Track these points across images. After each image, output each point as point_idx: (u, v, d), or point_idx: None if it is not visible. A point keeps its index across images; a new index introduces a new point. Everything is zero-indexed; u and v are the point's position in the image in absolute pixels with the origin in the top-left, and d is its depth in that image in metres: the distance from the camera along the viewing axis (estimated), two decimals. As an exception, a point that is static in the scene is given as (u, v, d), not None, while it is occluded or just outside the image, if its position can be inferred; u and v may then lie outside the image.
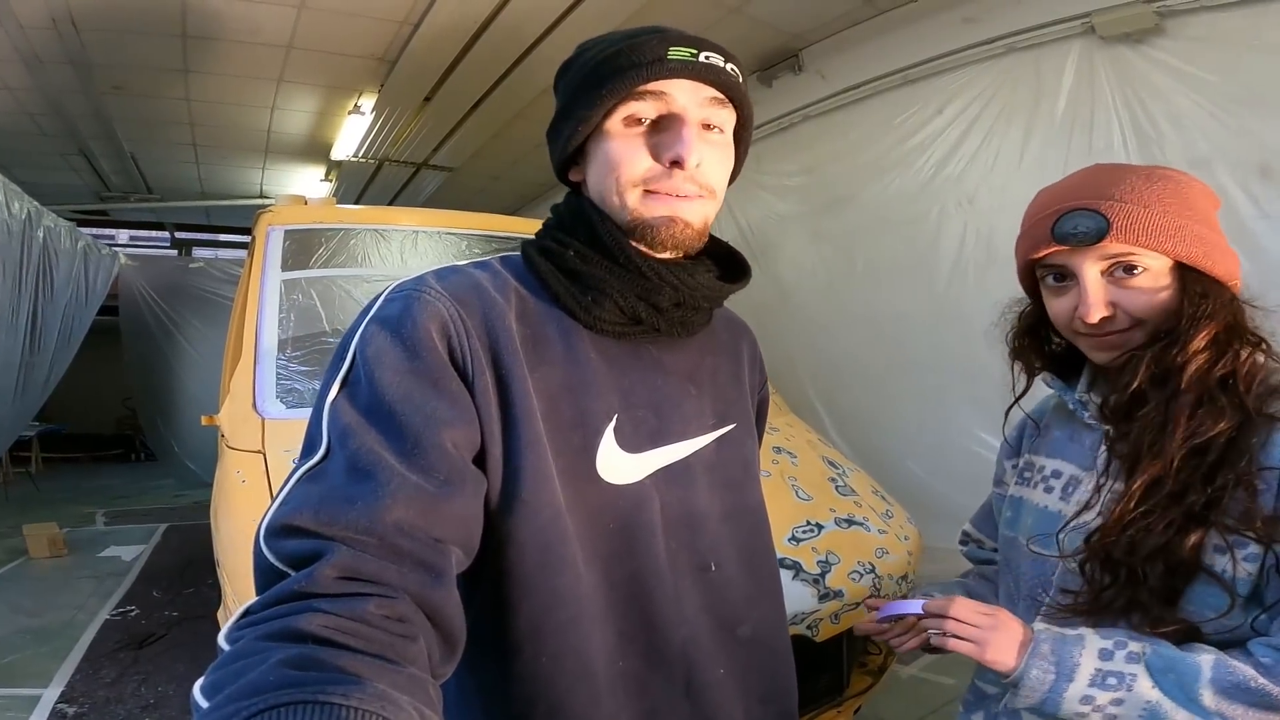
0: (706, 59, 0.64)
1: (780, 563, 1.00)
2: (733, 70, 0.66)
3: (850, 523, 2.11)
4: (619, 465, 0.66)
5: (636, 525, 0.66)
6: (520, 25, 4.11)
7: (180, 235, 9.50)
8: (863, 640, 2.06)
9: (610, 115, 0.65)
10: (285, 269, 2.48)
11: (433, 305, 0.61)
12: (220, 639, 0.45)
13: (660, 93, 0.64)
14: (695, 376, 0.74)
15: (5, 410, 4.71)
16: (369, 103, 5.26)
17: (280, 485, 0.55)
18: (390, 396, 0.56)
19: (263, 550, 0.51)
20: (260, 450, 1.92)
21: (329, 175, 6.91)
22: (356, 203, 7.36)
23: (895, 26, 4.10)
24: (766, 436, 1.01)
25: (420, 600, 0.50)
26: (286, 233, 2.57)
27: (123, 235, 9.96)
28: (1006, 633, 0.72)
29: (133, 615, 3.66)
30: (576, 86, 0.66)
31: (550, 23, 4.09)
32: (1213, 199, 0.78)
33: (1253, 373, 0.72)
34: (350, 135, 5.80)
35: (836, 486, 2.30)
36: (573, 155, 0.69)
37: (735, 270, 0.75)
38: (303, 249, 2.56)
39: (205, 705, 0.39)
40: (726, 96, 0.66)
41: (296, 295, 2.43)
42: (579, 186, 0.71)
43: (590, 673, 0.62)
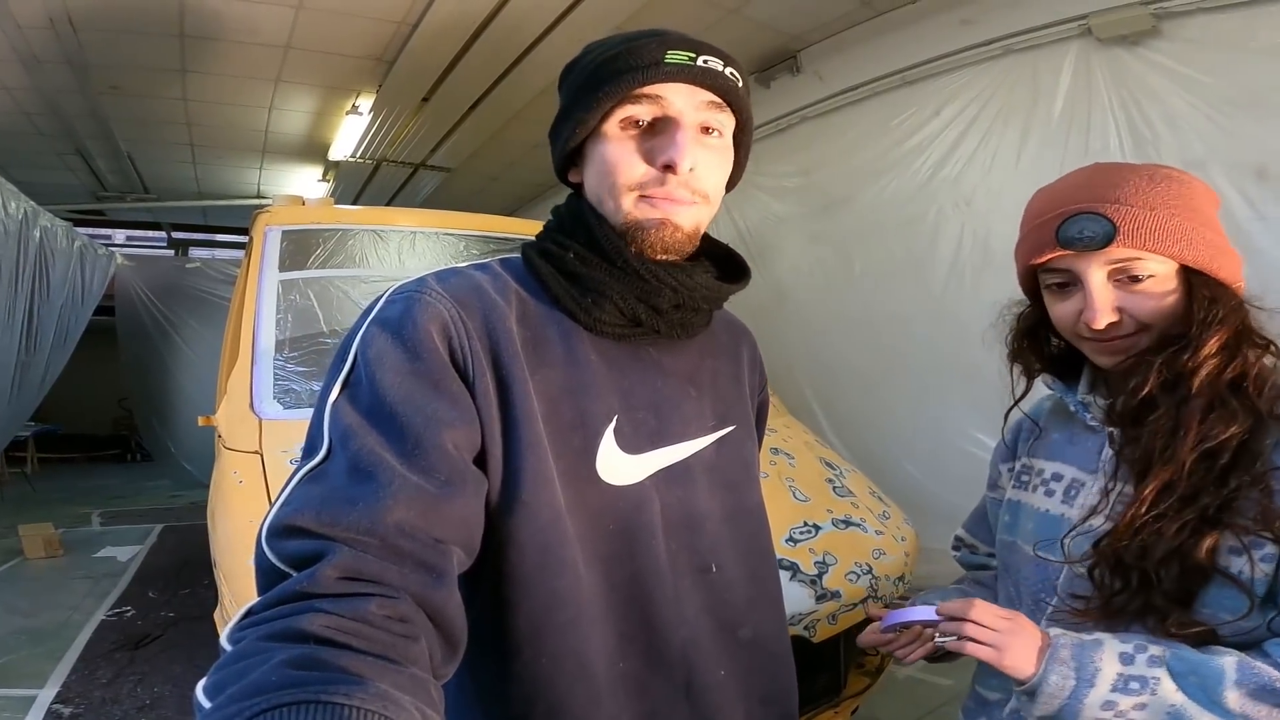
0: (705, 63, 0.64)
1: (778, 563, 1.00)
2: (732, 74, 0.66)
3: (847, 524, 2.11)
4: (619, 466, 0.66)
5: (637, 526, 0.66)
6: (518, 26, 4.10)
7: (177, 235, 9.46)
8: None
9: (607, 118, 0.65)
10: (283, 269, 2.48)
11: (433, 307, 0.61)
12: (222, 639, 0.46)
13: (656, 96, 0.64)
14: (695, 378, 0.74)
15: (1, 410, 4.69)
16: (367, 103, 5.26)
17: (282, 486, 0.55)
18: (391, 398, 0.56)
19: (264, 551, 0.51)
20: (257, 451, 1.91)
21: (326, 175, 6.90)
22: (354, 203, 7.33)
23: (893, 28, 4.11)
24: (764, 437, 1.01)
25: (422, 601, 0.50)
26: (284, 233, 2.56)
27: (119, 235, 9.90)
28: (1025, 637, 0.70)
29: (128, 616, 3.65)
30: (577, 88, 0.67)
31: (548, 24, 4.09)
32: (1214, 199, 0.78)
33: (1263, 375, 0.71)
34: (348, 135, 5.79)
35: (834, 487, 2.30)
36: (572, 156, 0.70)
37: (734, 271, 0.75)
38: (300, 249, 2.55)
39: (208, 705, 0.39)
40: (724, 100, 0.66)
41: (294, 296, 2.43)
42: (579, 188, 0.71)
43: (590, 674, 0.62)
